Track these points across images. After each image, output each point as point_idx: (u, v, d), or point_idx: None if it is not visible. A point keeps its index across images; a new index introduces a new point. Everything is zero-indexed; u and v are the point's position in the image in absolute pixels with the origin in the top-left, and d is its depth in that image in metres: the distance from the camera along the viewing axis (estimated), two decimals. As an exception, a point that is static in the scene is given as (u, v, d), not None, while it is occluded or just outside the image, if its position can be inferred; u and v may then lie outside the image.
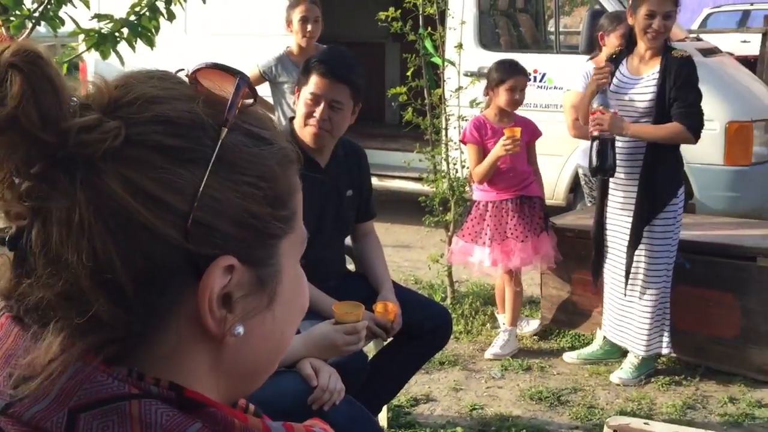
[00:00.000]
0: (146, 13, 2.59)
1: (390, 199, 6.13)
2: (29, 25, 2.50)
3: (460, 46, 4.26)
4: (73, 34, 2.59)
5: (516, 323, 3.72)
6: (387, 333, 2.39)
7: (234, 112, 0.61)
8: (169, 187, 0.56)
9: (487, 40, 5.59)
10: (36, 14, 2.50)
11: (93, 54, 2.69)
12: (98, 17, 2.53)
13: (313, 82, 2.35)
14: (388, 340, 2.55)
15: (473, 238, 3.65)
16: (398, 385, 2.70)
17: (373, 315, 2.33)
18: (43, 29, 2.79)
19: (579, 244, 3.67)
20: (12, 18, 2.46)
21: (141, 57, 2.60)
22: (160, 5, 2.61)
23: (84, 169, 0.55)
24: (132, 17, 2.59)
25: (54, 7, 2.52)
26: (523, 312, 4.08)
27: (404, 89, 4.06)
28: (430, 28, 4.19)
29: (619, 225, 3.29)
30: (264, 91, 4.22)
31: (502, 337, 3.66)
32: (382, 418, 2.74)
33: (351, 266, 2.79)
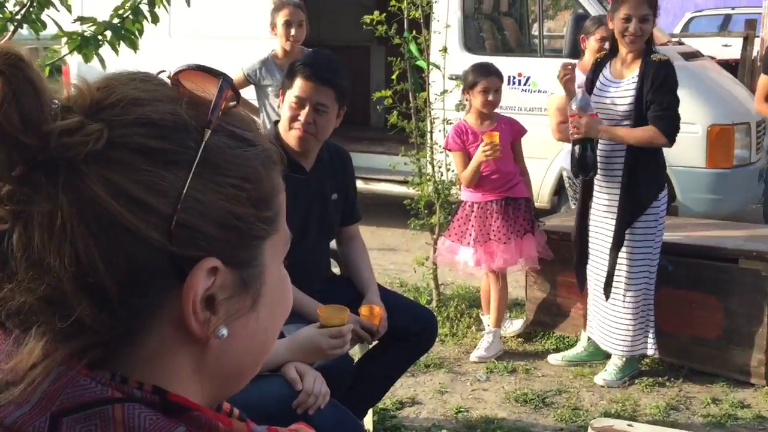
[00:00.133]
0: (129, 16, 2.58)
1: (375, 202, 6.13)
2: (11, 27, 2.48)
3: (445, 50, 4.28)
4: (56, 37, 2.57)
5: (500, 324, 3.74)
6: (372, 336, 2.38)
7: (217, 113, 0.61)
8: (153, 190, 0.56)
9: (471, 44, 5.62)
10: (18, 17, 2.48)
11: (76, 57, 2.68)
12: (81, 20, 2.51)
13: (298, 86, 2.35)
14: (373, 344, 2.55)
15: (459, 238, 3.68)
16: (384, 388, 2.70)
17: (359, 318, 2.33)
18: (25, 32, 2.77)
19: (563, 246, 3.68)
20: (-7, 21, 2.44)
21: (124, 60, 2.60)
22: (144, 8, 2.60)
23: (66, 172, 0.55)
24: (115, 20, 2.57)
25: (36, 10, 2.51)
26: (508, 313, 4.09)
27: (389, 92, 4.07)
28: (414, 32, 4.20)
29: (603, 227, 3.32)
30: (249, 94, 4.22)
31: (486, 339, 3.67)
32: (368, 421, 2.74)
33: (336, 269, 2.79)
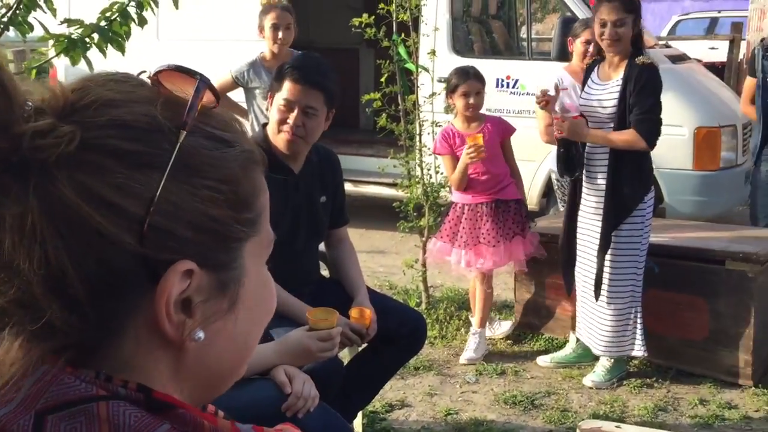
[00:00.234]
0: (117, 19, 2.56)
1: (364, 205, 6.13)
2: (-3, 30, 2.46)
3: (434, 53, 4.29)
4: (43, 39, 2.56)
5: (485, 325, 3.75)
6: (362, 339, 2.38)
7: (193, 114, 0.60)
8: (125, 192, 0.56)
9: (460, 47, 5.63)
10: (4, 19, 2.47)
11: (63, 59, 2.66)
12: (68, 22, 2.50)
13: (287, 89, 2.35)
14: (362, 346, 2.55)
15: (450, 239, 3.69)
16: (373, 391, 2.70)
17: (348, 321, 2.33)
18: (12, 34, 2.75)
19: (552, 248, 3.70)
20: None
21: (112, 63, 2.59)
22: (132, 10, 2.58)
23: (37, 174, 0.55)
24: (102, 22, 2.56)
25: (23, 12, 2.49)
26: (497, 315, 4.11)
27: (378, 95, 4.08)
28: (403, 35, 4.21)
29: (590, 229, 3.33)
30: (239, 96, 4.21)
31: (473, 341, 3.68)
32: (357, 424, 2.74)
33: (325, 272, 2.79)
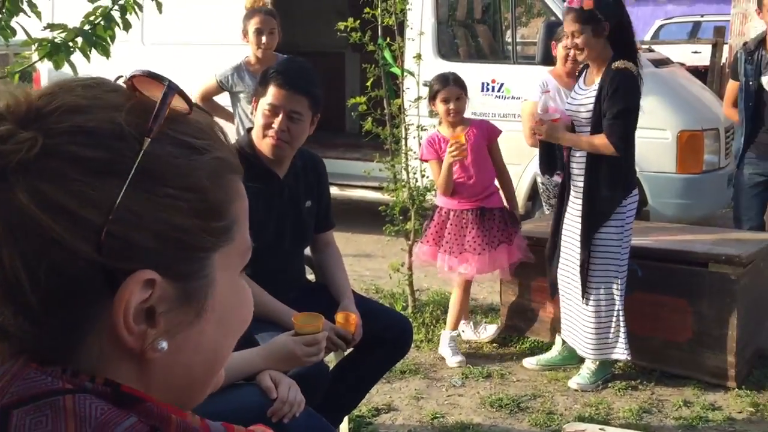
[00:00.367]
0: (101, 23, 2.56)
1: (351, 209, 6.13)
2: (-21, 34, 2.45)
3: (419, 57, 4.30)
4: (26, 43, 2.54)
5: (456, 327, 3.78)
6: (348, 344, 2.39)
7: (159, 121, 0.59)
8: (83, 200, 0.55)
9: (445, 51, 5.65)
10: (-13, 23, 2.46)
11: (47, 64, 2.65)
12: (51, 26, 2.49)
13: (272, 93, 2.35)
14: (348, 351, 2.55)
15: (435, 242, 3.70)
16: (359, 395, 2.70)
17: (334, 326, 2.33)
18: (-6, 38, 2.73)
19: (538, 251, 3.71)
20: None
21: (97, 67, 2.58)
22: (116, 15, 2.58)
23: None
24: (86, 26, 2.55)
25: (5, 17, 2.48)
26: (483, 319, 4.12)
27: (364, 99, 4.08)
28: (388, 39, 4.22)
29: (573, 231, 3.36)
30: (226, 100, 4.21)
31: (450, 345, 3.69)
32: (344, 428, 2.74)
33: (311, 276, 2.79)
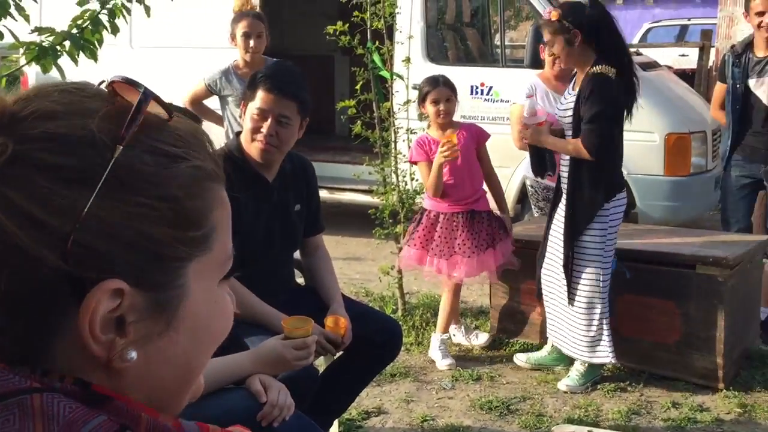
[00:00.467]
0: (89, 26, 2.55)
1: (340, 212, 6.13)
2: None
3: (408, 60, 4.31)
4: (13, 47, 2.53)
5: (447, 330, 3.78)
6: (337, 347, 2.39)
7: (132, 129, 0.58)
8: (50, 208, 0.55)
9: (434, 54, 5.67)
10: (-27, 27, 2.44)
11: (35, 67, 2.64)
12: (38, 30, 2.48)
13: (260, 98, 2.35)
14: (338, 354, 2.55)
15: (423, 246, 3.69)
16: (349, 398, 2.70)
17: (323, 330, 2.33)
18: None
19: (526, 254, 3.73)
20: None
21: (86, 71, 2.57)
22: (103, 18, 2.57)
23: None
24: (74, 30, 2.55)
25: (-8, 21, 2.47)
26: (473, 323, 4.13)
27: (353, 102, 4.09)
28: (378, 42, 4.23)
29: (558, 233, 3.38)
30: (215, 103, 4.20)
31: (440, 348, 3.69)
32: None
33: (301, 280, 2.79)
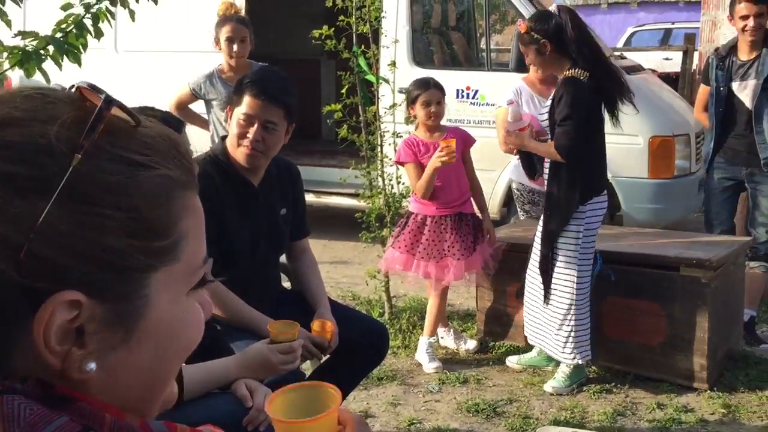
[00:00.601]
0: (73, 31, 2.54)
1: (327, 216, 6.13)
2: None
3: (394, 64, 4.32)
4: (-4, 51, 2.52)
5: (434, 333, 3.79)
6: (323, 351, 2.39)
7: (92, 136, 0.57)
8: (2, 218, 0.54)
9: (420, 58, 5.68)
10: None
11: (18, 72, 2.63)
12: (22, 34, 2.47)
13: (247, 103, 2.34)
14: (324, 358, 2.55)
15: (408, 249, 3.70)
16: (336, 402, 2.70)
17: (310, 334, 2.33)
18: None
19: (513, 257, 3.75)
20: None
21: (70, 75, 2.56)
22: (88, 22, 2.57)
23: None
24: (58, 34, 2.54)
25: (-25, 25, 2.45)
26: (462, 326, 4.14)
27: (339, 106, 4.09)
28: (363, 46, 4.24)
29: (539, 235, 3.41)
30: (201, 107, 4.19)
31: (427, 351, 3.70)
32: (321, 436, 2.73)
33: (287, 284, 2.79)
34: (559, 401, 3.34)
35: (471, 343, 3.91)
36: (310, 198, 5.12)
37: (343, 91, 4.16)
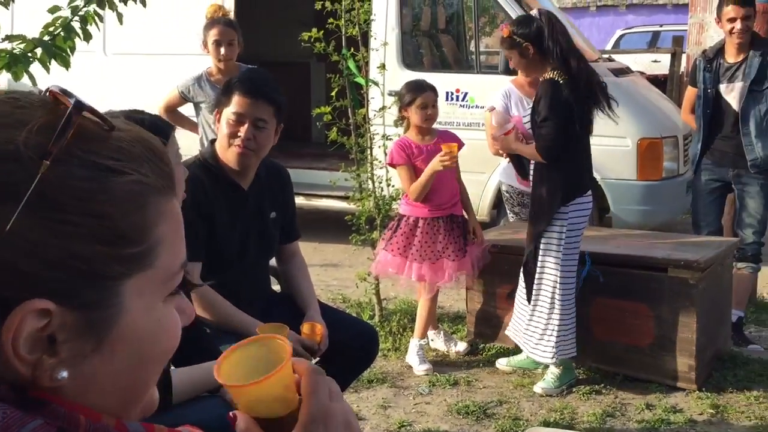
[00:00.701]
0: (60, 34, 2.54)
1: (318, 218, 6.13)
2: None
3: (383, 67, 4.33)
4: (-16, 54, 2.51)
5: (424, 335, 3.80)
6: (313, 354, 2.39)
7: (61, 142, 0.56)
8: None
9: (410, 60, 5.70)
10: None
11: (5, 75, 2.62)
12: (9, 38, 2.46)
13: (236, 102, 2.35)
14: (315, 361, 2.54)
15: (401, 252, 3.70)
16: (326, 405, 2.70)
17: (299, 336, 2.33)
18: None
19: (503, 259, 3.76)
20: None
21: (58, 78, 2.55)
22: (76, 25, 2.56)
23: None
24: (46, 37, 2.53)
25: (-38, 28, 2.44)
26: (452, 327, 4.15)
27: (328, 109, 4.09)
28: (353, 49, 4.24)
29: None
30: (190, 110, 4.18)
31: (418, 353, 3.70)
32: (311, 439, 2.73)
33: (277, 287, 2.79)
34: (549, 402, 3.35)
35: (461, 345, 3.92)
36: (300, 201, 5.11)
37: (333, 94, 4.16)
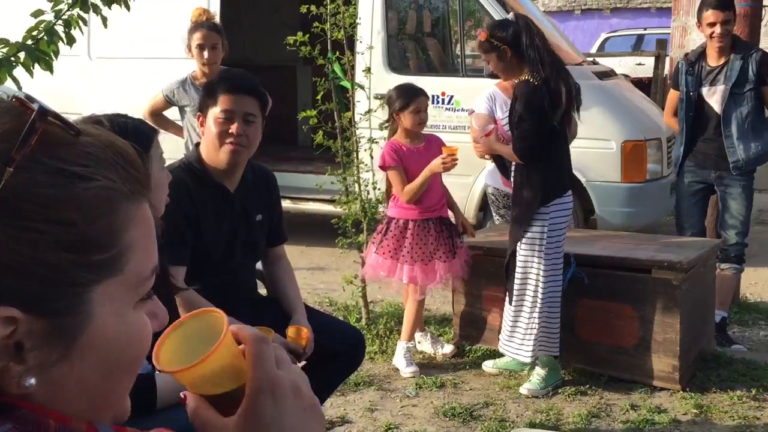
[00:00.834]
0: (44, 37, 2.53)
1: (304, 222, 6.13)
2: None
3: (369, 70, 4.34)
4: (-34, 58, 2.49)
5: (411, 337, 3.81)
6: (299, 358, 2.39)
7: (24, 149, 0.55)
8: None
9: (396, 64, 5.71)
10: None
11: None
12: (-8, 42, 2.45)
13: (223, 100, 2.35)
14: (301, 365, 2.54)
15: (392, 255, 3.71)
16: (313, 408, 2.70)
17: (285, 340, 2.33)
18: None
19: (488, 261, 3.77)
20: None
21: (43, 82, 2.54)
22: (59, 29, 2.55)
23: None
24: (29, 41, 2.52)
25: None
26: (438, 329, 4.16)
27: (314, 112, 4.09)
28: (338, 53, 4.25)
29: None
30: (176, 114, 4.17)
31: (405, 356, 3.71)
32: (297, 442, 2.73)
33: (263, 290, 2.78)
34: (535, 404, 3.37)
35: (448, 348, 3.93)
36: (287, 204, 5.11)
37: (318, 98, 4.16)
